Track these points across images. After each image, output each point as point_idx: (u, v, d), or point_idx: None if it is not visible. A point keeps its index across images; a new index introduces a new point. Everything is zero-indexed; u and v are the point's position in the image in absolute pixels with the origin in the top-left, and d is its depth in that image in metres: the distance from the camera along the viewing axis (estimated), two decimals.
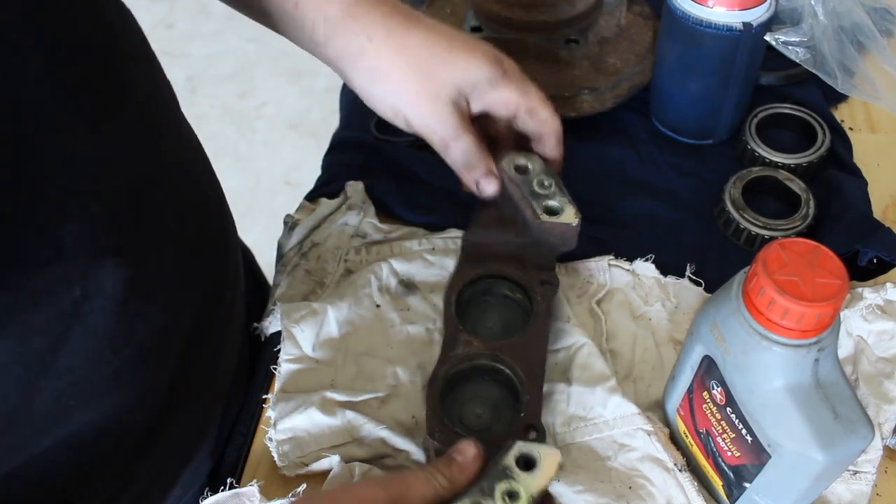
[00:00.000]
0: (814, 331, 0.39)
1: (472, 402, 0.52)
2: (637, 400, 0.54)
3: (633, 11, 0.79)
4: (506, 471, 0.43)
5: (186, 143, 0.51)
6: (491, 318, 0.57)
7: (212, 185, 0.54)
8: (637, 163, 0.71)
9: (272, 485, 0.52)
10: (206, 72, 2.19)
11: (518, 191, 0.54)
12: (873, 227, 0.59)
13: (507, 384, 0.52)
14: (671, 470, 0.51)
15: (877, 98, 0.66)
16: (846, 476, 0.50)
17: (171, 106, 0.49)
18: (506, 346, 0.51)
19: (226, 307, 0.54)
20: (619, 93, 0.73)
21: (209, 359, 0.53)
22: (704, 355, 0.45)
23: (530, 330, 0.52)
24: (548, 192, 0.54)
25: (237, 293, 0.58)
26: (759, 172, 0.66)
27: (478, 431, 0.50)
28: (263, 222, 0.63)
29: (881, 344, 0.56)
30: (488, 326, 0.56)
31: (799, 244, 0.40)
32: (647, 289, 0.61)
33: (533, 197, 0.54)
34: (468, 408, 0.52)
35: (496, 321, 0.57)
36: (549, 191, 0.54)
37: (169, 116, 0.48)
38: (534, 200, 0.54)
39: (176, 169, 0.48)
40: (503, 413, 0.51)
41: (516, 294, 0.56)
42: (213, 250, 0.53)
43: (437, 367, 0.51)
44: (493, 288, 0.57)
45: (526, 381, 0.50)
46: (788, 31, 0.67)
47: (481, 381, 0.53)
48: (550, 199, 0.54)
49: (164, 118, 0.47)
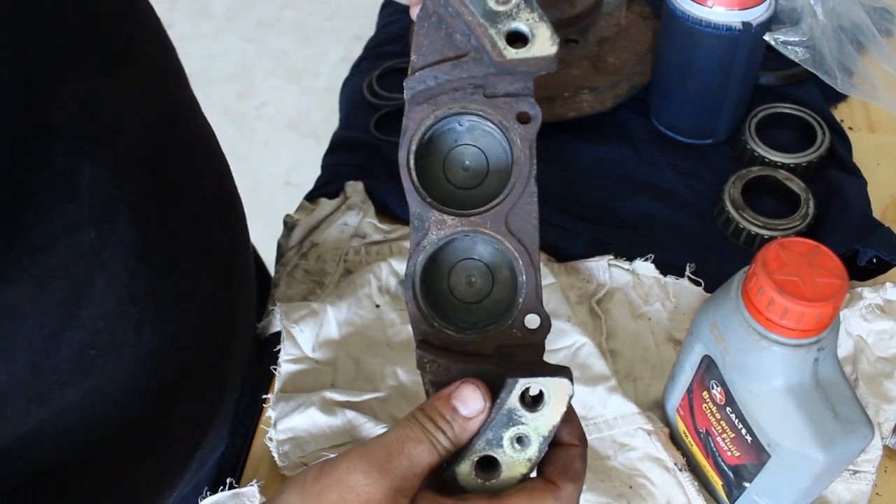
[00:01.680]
0: (813, 330, 0.39)
1: (459, 269, 0.42)
2: (637, 399, 0.54)
3: (632, 11, 0.79)
4: (511, 414, 0.38)
5: (198, 114, 0.52)
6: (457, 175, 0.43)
7: (220, 157, 0.55)
8: (637, 163, 0.71)
9: (272, 485, 0.52)
10: (206, 72, 2.19)
11: (468, 12, 0.38)
12: (873, 226, 0.59)
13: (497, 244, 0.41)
14: (671, 469, 0.51)
15: (876, 98, 0.66)
16: (846, 476, 0.50)
17: (182, 76, 0.50)
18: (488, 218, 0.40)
19: (237, 272, 0.55)
20: (618, 92, 0.73)
21: (227, 319, 0.53)
22: (704, 355, 0.45)
23: (513, 190, 0.40)
24: (508, 8, 0.38)
25: (248, 261, 0.58)
26: (759, 172, 0.66)
27: (476, 303, 0.42)
28: (263, 222, 0.62)
29: (881, 343, 0.56)
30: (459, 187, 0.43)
31: (798, 244, 0.40)
32: (646, 288, 0.61)
33: (488, 20, 0.38)
34: (456, 276, 0.42)
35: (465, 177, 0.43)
36: (509, 5, 0.38)
37: (181, 85, 0.49)
38: (491, 26, 0.38)
39: (188, 132, 0.49)
40: (497, 276, 0.42)
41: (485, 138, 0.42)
42: (225, 214, 0.54)
43: (410, 262, 0.41)
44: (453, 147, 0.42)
45: (519, 258, 0.40)
46: (788, 31, 0.67)
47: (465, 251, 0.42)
48: (514, 18, 0.38)
49: (177, 85, 0.49)
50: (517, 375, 0.37)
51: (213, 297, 0.50)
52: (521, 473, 0.38)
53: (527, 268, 0.40)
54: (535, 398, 0.38)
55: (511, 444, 0.37)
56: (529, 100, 0.40)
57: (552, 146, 0.72)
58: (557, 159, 0.71)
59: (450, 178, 0.42)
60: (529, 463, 0.37)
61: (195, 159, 0.49)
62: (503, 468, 0.37)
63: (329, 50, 2.21)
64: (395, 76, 0.81)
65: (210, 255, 0.50)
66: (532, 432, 0.37)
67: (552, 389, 0.37)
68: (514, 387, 0.37)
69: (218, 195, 0.53)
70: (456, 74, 0.40)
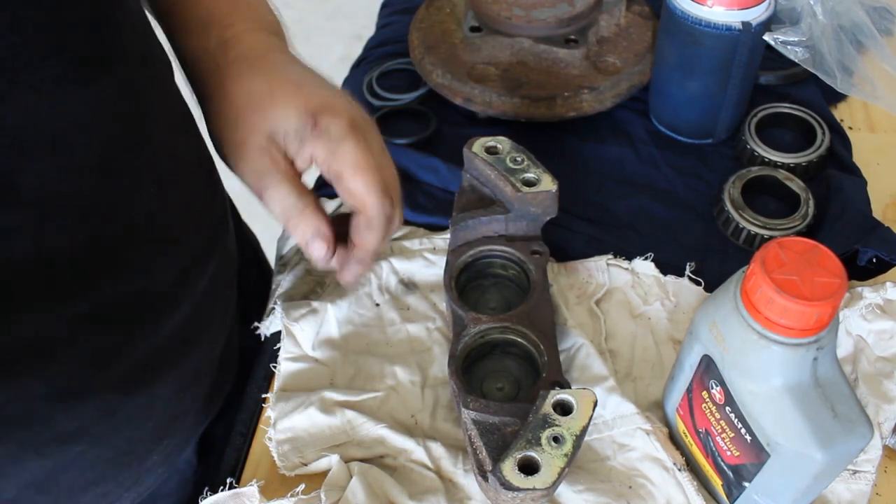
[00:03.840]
0: (812, 330, 0.39)
1: (490, 379, 0.53)
2: (636, 399, 0.54)
3: (632, 11, 0.79)
4: (546, 419, 0.45)
5: (176, 112, 0.51)
6: (490, 298, 0.58)
7: (202, 155, 0.54)
8: (636, 162, 0.71)
9: (272, 485, 0.52)
10: None
11: (493, 170, 0.57)
12: (872, 226, 0.59)
13: (522, 355, 0.53)
14: (670, 469, 0.51)
15: (876, 97, 0.66)
16: (846, 475, 0.50)
17: (163, 75, 0.49)
18: (513, 316, 0.53)
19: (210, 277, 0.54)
20: (618, 92, 0.73)
21: None
22: (703, 354, 0.45)
23: (532, 298, 0.54)
24: (522, 167, 0.57)
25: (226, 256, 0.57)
26: (759, 172, 0.66)
27: None
28: (263, 222, 0.62)
29: (881, 343, 0.56)
30: (490, 307, 0.58)
31: (797, 243, 0.40)
32: (646, 288, 0.61)
33: (509, 173, 0.56)
34: (488, 385, 0.53)
35: (496, 300, 0.58)
36: (522, 165, 0.57)
37: (157, 86, 0.48)
38: (511, 176, 0.56)
39: (160, 137, 0.47)
40: (523, 383, 0.53)
41: (509, 271, 0.58)
42: (200, 212, 0.53)
43: (452, 348, 0.52)
44: (486, 269, 0.59)
45: (540, 343, 0.51)
46: (787, 31, 0.67)
47: (495, 356, 0.54)
48: (526, 172, 0.57)
49: (151, 88, 0.47)
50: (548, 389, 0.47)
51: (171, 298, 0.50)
52: (560, 467, 0.44)
53: (548, 350, 0.51)
54: (565, 408, 0.46)
55: (549, 443, 0.44)
56: (539, 241, 0.57)
57: (552, 146, 0.72)
58: (557, 159, 0.71)
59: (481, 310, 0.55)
60: (566, 458, 0.44)
61: (163, 160, 0.48)
62: (542, 464, 0.44)
63: (329, 50, 2.21)
64: (394, 76, 0.81)
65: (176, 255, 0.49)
66: (566, 432, 0.45)
67: (580, 398, 0.46)
68: (546, 397, 0.46)
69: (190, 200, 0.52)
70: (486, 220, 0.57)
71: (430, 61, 0.75)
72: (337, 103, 0.49)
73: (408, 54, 0.79)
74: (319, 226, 0.49)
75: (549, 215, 0.58)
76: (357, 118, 0.49)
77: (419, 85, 0.78)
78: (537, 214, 0.57)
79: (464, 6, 0.79)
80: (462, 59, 0.75)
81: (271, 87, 0.49)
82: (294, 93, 0.49)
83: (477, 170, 0.58)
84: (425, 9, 0.82)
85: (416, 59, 0.77)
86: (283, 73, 0.51)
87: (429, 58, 0.76)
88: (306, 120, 0.48)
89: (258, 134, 0.48)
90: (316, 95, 0.49)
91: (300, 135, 0.48)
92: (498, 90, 0.72)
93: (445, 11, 0.81)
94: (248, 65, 0.50)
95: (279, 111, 0.48)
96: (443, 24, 0.80)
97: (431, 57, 0.76)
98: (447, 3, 0.82)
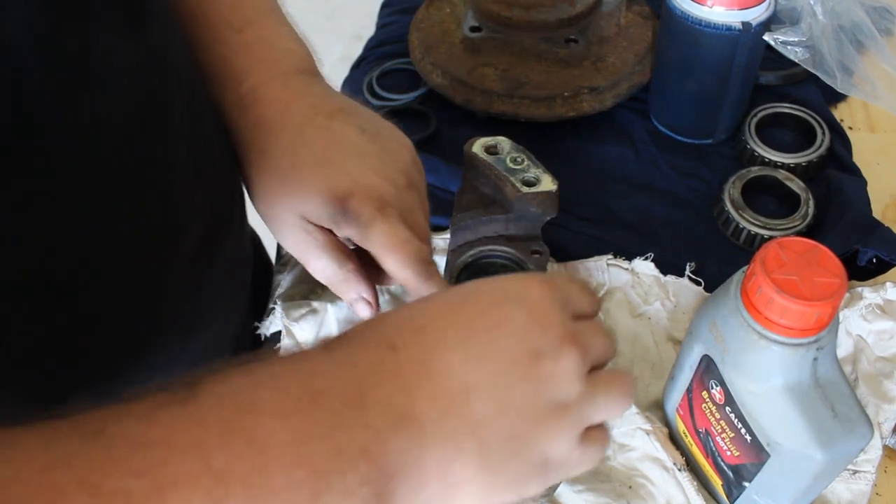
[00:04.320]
0: (812, 330, 0.39)
1: None
2: (636, 399, 0.54)
3: (632, 11, 0.79)
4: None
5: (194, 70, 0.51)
6: None
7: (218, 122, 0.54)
8: (636, 162, 0.71)
9: None
10: None
11: (493, 170, 0.57)
12: (873, 226, 0.59)
13: None
14: (671, 469, 0.51)
15: (876, 97, 0.66)
16: (846, 475, 0.50)
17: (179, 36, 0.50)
18: None
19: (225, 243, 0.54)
20: (618, 92, 0.73)
21: None
22: (703, 354, 0.45)
23: None
24: (522, 167, 0.57)
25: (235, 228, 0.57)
26: (759, 172, 0.66)
27: None
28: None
29: (881, 343, 0.56)
30: None
31: (797, 243, 0.40)
32: (646, 288, 0.61)
33: (509, 173, 0.57)
34: None
35: None
36: (522, 165, 0.57)
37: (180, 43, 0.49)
38: (511, 176, 0.57)
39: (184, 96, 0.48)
40: None
41: (509, 271, 0.58)
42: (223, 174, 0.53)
43: None
44: (486, 269, 0.59)
45: None
46: (787, 31, 0.67)
47: None
48: (526, 172, 0.57)
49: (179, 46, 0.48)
50: None
51: None
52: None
53: None
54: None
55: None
56: (539, 241, 0.58)
57: (552, 146, 0.72)
58: (557, 159, 0.71)
59: None
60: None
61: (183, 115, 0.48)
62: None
63: (329, 50, 2.21)
64: (395, 76, 0.81)
65: None
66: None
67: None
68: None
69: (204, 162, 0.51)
70: (486, 220, 0.58)
71: (430, 61, 0.75)
72: (363, 182, 0.48)
73: (408, 54, 0.79)
74: (361, 291, 0.51)
75: (550, 215, 0.58)
76: (385, 193, 0.48)
77: (419, 85, 0.78)
78: (537, 214, 0.57)
79: (464, 6, 0.79)
80: (462, 59, 0.75)
81: (295, 163, 0.49)
82: (320, 177, 0.48)
83: (477, 170, 0.58)
84: (425, 9, 0.82)
85: (416, 59, 0.77)
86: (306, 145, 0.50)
87: (429, 58, 0.76)
88: (335, 207, 0.48)
89: (291, 214, 0.49)
90: (342, 176, 0.48)
91: (333, 220, 0.48)
92: (498, 90, 0.72)
93: (445, 11, 0.81)
94: (268, 131, 0.50)
95: (310, 198, 0.48)
96: (443, 24, 0.80)
97: (431, 57, 0.76)
98: (447, 3, 0.82)
